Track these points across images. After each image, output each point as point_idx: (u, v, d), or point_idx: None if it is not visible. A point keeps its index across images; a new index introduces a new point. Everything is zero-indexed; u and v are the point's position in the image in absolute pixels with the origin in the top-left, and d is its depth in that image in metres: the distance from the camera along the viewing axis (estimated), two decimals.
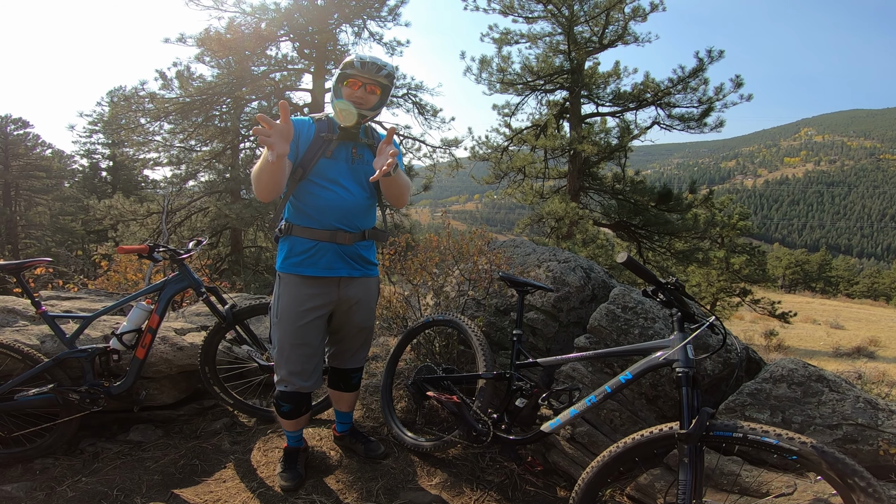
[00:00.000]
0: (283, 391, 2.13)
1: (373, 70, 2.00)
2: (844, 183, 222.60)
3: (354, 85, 2.02)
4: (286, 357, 2.09)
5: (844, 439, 2.00)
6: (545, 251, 3.27)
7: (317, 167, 2.03)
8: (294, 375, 2.10)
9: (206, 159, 15.23)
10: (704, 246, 14.27)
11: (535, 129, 13.62)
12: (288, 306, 2.06)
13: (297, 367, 2.09)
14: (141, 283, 5.77)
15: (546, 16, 13.03)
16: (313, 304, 2.07)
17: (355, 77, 2.01)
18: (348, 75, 2.02)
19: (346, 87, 2.04)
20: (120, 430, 2.66)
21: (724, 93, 11.87)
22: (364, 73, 2.00)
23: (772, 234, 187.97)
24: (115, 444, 2.54)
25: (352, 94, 2.03)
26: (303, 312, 2.05)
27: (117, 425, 2.70)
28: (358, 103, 2.03)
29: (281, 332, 2.08)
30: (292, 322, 2.05)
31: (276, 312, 2.09)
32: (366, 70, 2.00)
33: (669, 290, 1.74)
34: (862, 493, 1.38)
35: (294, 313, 2.05)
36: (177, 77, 11.41)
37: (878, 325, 24.28)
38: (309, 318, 2.06)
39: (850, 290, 56.90)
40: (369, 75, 2.01)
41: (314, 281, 2.06)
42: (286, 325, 2.06)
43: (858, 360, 14.71)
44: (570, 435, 2.35)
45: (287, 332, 2.06)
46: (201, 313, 4.31)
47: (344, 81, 2.04)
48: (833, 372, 2.35)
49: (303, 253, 2.05)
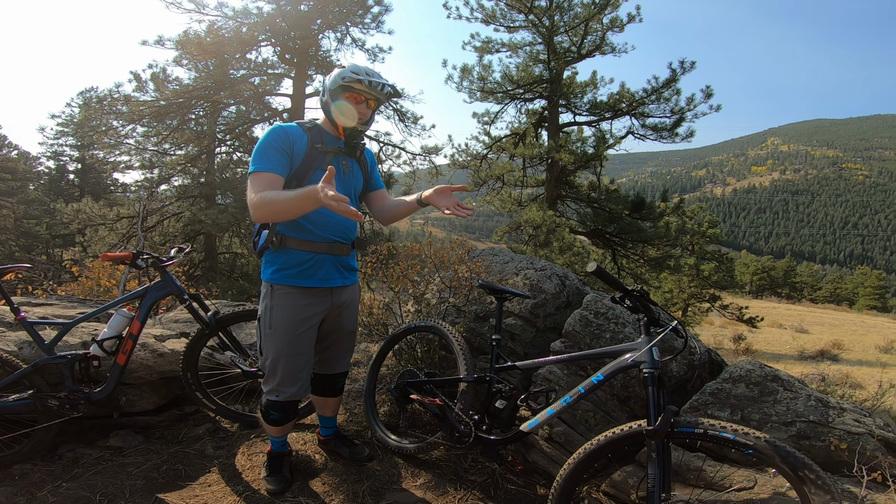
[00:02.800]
0: (275, 401, 2.13)
1: (378, 88, 2.01)
2: (808, 191, 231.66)
3: (355, 99, 2.02)
4: (280, 367, 2.08)
5: (798, 436, 2.11)
6: (523, 260, 3.39)
7: (312, 181, 1.99)
8: (287, 385, 2.10)
9: (181, 163, 14.97)
10: (676, 253, 14.69)
11: (513, 138, 13.86)
12: (284, 317, 2.05)
13: (292, 377, 2.10)
14: (115, 290, 5.68)
15: (527, 25, 13.31)
16: (309, 314, 2.09)
17: (360, 93, 2.01)
18: (352, 89, 2.01)
19: (344, 99, 2.02)
20: (99, 436, 2.65)
21: (695, 103, 12.29)
22: (371, 91, 2.01)
23: (740, 241, 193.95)
24: (94, 449, 2.53)
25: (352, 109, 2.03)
26: (299, 322, 2.06)
27: (96, 431, 2.68)
28: (359, 119, 2.04)
29: (276, 342, 2.06)
30: (289, 332, 2.05)
31: (270, 323, 2.06)
32: (373, 88, 2.00)
33: (635, 297, 1.88)
34: (812, 486, 1.48)
35: (291, 324, 2.05)
36: (152, 79, 11.22)
37: (841, 329, 25.36)
38: (305, 327, 2.08)
39: (813, 295, 59.12)
40: (375, 93, 2.02)
41: (311, 291, 2.08)
42: (282, 336, 2.05)
43: (823, 363, 15.34)
44: (547, 435, 2.46)
45: (283, 343, 2.06)
46: (179, 320, 4.30)
47: (344, 92, 2.02)
48: (788, 373, 2.50)
49: (300, 265, 2.05)
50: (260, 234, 2.14)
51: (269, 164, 1.92)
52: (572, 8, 12.80)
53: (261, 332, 2.11)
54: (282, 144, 1.96)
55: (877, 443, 2.02)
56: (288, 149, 1.97)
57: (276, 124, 2.04)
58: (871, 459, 1.93)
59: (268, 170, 1.92)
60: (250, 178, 1.93)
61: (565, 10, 12.84)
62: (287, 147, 1.97)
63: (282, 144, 1.96)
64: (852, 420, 2.14)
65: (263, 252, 2.12)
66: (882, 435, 2.04)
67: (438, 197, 2.14)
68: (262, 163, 1.92)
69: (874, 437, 2.03)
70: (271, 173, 1.92)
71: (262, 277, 2.12)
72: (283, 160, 1.96)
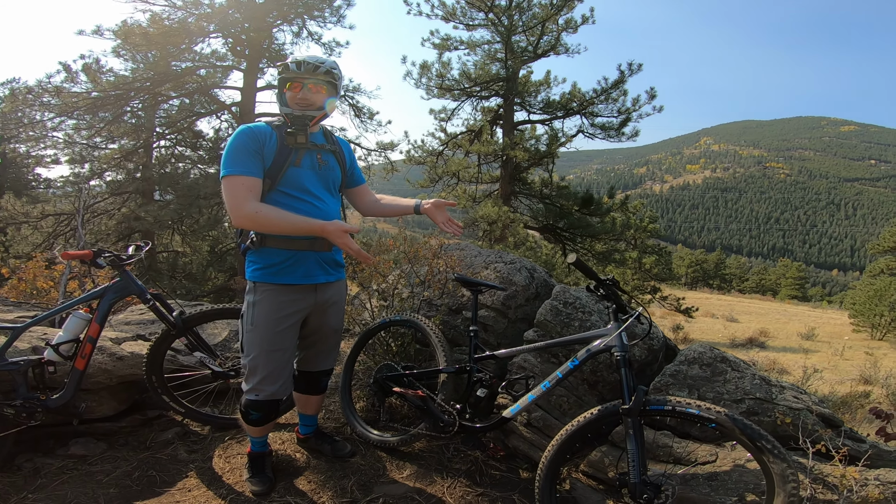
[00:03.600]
0: (255, 400, 2.10)
1: (310, 69, 1.99)
2: (736, 189, 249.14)
3: (296, 87, 2.02)
4: (261, 364, 2.07)
5: (748, 412, 2.29)
6: (491, 254, 3.50)
7: (286, 177, 2.01)
8: (267, 383, 2.08)
9: (115, 158, 14.03)
10: (620, 247, 15.45)
11: (469, 135, 14.05)
12: (264, 314, 2.04)
13: (272, 375, 2.08)
14: (54, 293, 5.29)
15: (486, 24, 13.51)
16: (291, 311, 2.08)
17: (295, 79, 2.01)
18: (287, 78, 2.02)
19: (288, 90, 2.03)
20: (58, 445, 2.52)
21: (640, 104, 12.93)
22: (302, 73, 1.99)
23: (676, 235, 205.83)
24: (55, 458, 2.41)
25: (294, 98, 2.02)
26: (280, 319, 2.06)
27: (54, 440, 2.55)
28: (304, 105, 2.02)
29: (257, 339, 2.06)
30: (270, 329, 2.05)
31: (252, 320, 2.06)
32: (303, 70, 1.99)
33: (608, 286, 2.02)
34: (769, 454, 1.66)
35: (271, 320, 2.04)
36: (84, 70, 10.42)
37: (766, 318, 27.52)
38: (286, 324, 2.07)
39: (741, 286, 63.69)
40: (308, 74, 2.00)
41: (292, 288, 2.08)
42: (262, 333, 2.05)
43: (752, 350, 16.65)
44: (526, 420, 2.58)
45: (264, 340, 2.05)
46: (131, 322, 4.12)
47: (286, 85, 2.03)
48: (734, 354, 2.74)
49: (281, 263, 2.04)
50: (245, 234, 2.12)
51: (245, 168, 1.92)
52: (531, 8, 13.14)
53: (243, 329, 2.10)
54: (252, 146, 1.95)
55: (815, 417, 2.22)
56: (258, 149, 1.96)
57: (242, 126, 2.01)
58: (812, 433, 2.11)
59: (244, 173, 1.91)
60: (227, 181, 1.91)
61: (524, 10, 13.14)
62: (258, 148, 1.96)
63: (252, 146, 1.95)
64: (792, 397, 2.34)
65: (245, 252, 2.11)
66: (819, 410, 2.26)
67: (435, 210, 2.28)
68: (237, 166, 1.91)
69: (812, 412, 2.24)
70: (250, 177, 1.92)
71: (246, 276, 2.12)
72: (256, 162, 1.95)
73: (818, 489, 1.90)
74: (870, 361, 13.01)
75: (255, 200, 1.91)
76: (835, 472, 1.90)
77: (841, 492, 1.82)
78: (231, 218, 1.92)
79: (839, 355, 16.71)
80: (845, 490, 1.82)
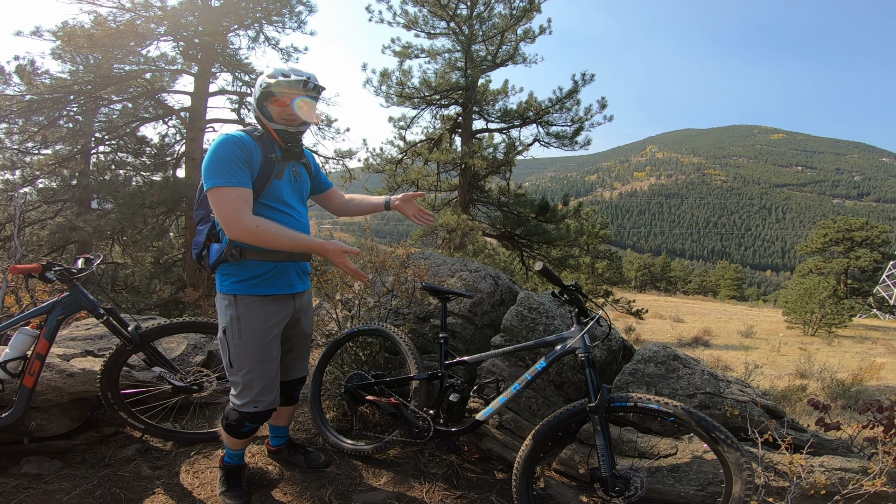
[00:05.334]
0: (255, 412, 2.07)
1: (299, 85, 1.95)
2: (678, 195, 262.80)
3: (281, 102, 1.96)
4: (257, 376, 2.04)
5: (700, 406, 2.43)
6: (456, 262, 3.57)
7: (270, 189, 2.00)
8: (265, 394, 2.07)
9: (50, 164, 13.13)
10: (575, 253, 15.96)
11: (429, 143, 14.14)
12: (252, 326, 2.02)
13: (269, 386, 2.07)
14: None
15: (447, 33, 13.65)
16: (276, 320, 2.08)
17: (283, 95, 1.96)
18: (274, 94, 1.96)
19: (272, 104, 1.97)
20: (10, 463, 2.43)
21: (591, 113, 13.44)
22: (292, 89, 1.95)
23: (625, 240, 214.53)
24: (8, 477, 2.31)
25: (282, 113, 1.98)
26: (268, 329, 2.05)
27: (6, 458, 2.45)
28: (290, 121, 2.00)
29: (248, 352, 2.02)
30: (259, 340, 2.03)
31: (238, 334, 2.01)
32: (294, 86, 1.95)
33: (571, 291, 2.14)
34: (724, 445, 1.80)
35: (260, 331, 2.03)
36: (17, 72, 9.74)
37: (709, 318, 29.11)
38: (273, 333, 2.07)
39: (685, 287, 67.09)
40: (298, 91, 1.96)
41: (275, 298, 2.07)
42: (253, 345, 2.02)
43: (698, 349, 17.61)
44: (498, 423, 2.65)
45: (255, 352, 2.03)
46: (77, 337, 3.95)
47: (269, 97, 1.97)
48: (683, 352, 2.93)
49: (263, 274, 2.03)
50: (206, 247, 2.06)
51: (237, 178, 1.87)
52: (491, 18, 13.43)
53: (229, 344, 2.04)
54: (242, 156, 1.91)
55: (760, 409, 2.40)
56: (248, 160, 1.92)
57: (227, 135, 1.94)
58: (759, 424, 2.28)
59: (238, 184, 1.86)
60: (220, 192, 1.83)
61: (484, 20, 13.41)
62: (247, 158, 1.92)
63: (242, 156, 1.91)
64: (738, 390, 2.52)
65: (218, 265, 2.05)
66: (763, 402, 2.45)
67: (405, 204, 2.35)
68: (229, 177, 1.85)
69: (757, 404, 2.42)
70: (244, 188, 1.88)
71: (221, 290, 2.06)
72: (247, 172, 1.92)
73: (770, 476, 2.04)
74: (804, 356, 14.05)
75: (251, 213, 1.87)
76: (783, 461, 2.05)
77: (791, 478, 1.96)
78: (226, 231, 1.86)
79: (776, 351, 17.96)
80: (795, 477, 1.95)
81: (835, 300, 24.73)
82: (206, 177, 1.87)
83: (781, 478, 2.04)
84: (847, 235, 40.58)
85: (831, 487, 1.95)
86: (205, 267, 2.08)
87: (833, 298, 24.69)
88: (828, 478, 1.98)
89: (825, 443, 2.39)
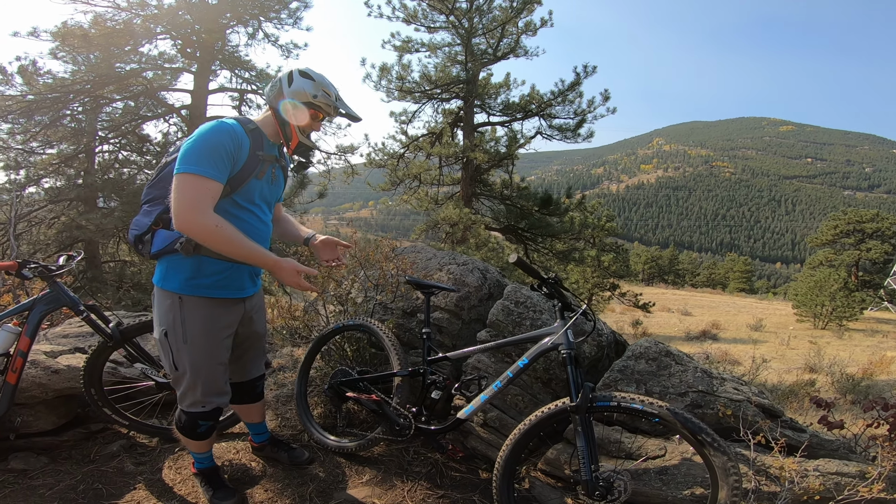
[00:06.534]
0: (203, 412, 2.01)
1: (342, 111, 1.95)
2: (686, 187, 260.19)
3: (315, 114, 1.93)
4: (204, 378, 1.96)
5: (692, 405, 2.35)
6: (444, 255, 3.51)
7: (247, 188, 1.89)
8: (212, 395, 2.00)
9: (54, 163, 13.21)
10: (580, 246, 15.81)
11: (430, 137, 14.03)
12: (200, 329, 1.91)
13: (217, 387, 2.01)
14: None
15: (447, 26, 13.49)
16: (227, 323, 1.99)
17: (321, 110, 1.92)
18: (316, 106, 1.90)
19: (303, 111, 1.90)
20: None
21: (594, 106, 13.24)
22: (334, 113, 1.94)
23: (632, 233, 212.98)
24: None
25: (311, 125, 1.94)
26: (218, 332, 1.96)
27: None
28: (309, 132, 1.98)
29: (194, 355, 1.92)
30: (209, 343, 1.94)
31: (184, 337, 1.90)
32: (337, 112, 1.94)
33: (550, 284, 2.06)
34: (710, 448, 1.71)
35: (209, 335, 1.93)
36: (19, 72, 9.75)
37: (717, 311, 28.89)
38: (224, 335, 1.99)
39: (693, 280, 66.60)
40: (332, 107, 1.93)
41: (226, 301, 1.98)
42: (201, 348, 1.92)
43: (706, 343, 17.44)
44: (483, 421, 2.60)
45: (203, 355, 1.93)
46: (69, 335, 3.97)
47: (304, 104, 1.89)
48: (677, 348, 2.83)
49: (215, 275, 1.91)
50: (152, 232, 1.88)
51: (215, 171, 1.73)
52: (491, 11, 13.24)
53: (171, 346, 1.92)
54: (230, 148, 1.78)
55: (755, 408, 2.31)
56: (234, 154, 1.80)
57: (220, 121, 1.81)
58: (752, 424, 2.20)
59: (213, 177, 1.72)
60: (189, 179, 1.69)
61: (484, 13, 13.24)
62: (234, 152, 1.80)
63: (230, 148, 1.78)
64: (732, 389, 2.44)
65: (163, 255, 1.88)
66: (758, 401, 2.36)
67: (324, 248, 2.23)
68: (206, 167, 1.71)
69: (752, 403, 2.33)
70: (217, 182, 1.74)
71: (163, 285, 1.91)
72: (228, 167, 1.79)
73: (762, 481, 1.95)
74: (814, 350, 13.85)
75: (213, 210, 1.72)
76: (775, 464, 1.96)
77: (783, 483, 1.88)
78: (179, 221, 1.67)
79: (786, 345, 17.74)
80: (786, 482, 1.87)
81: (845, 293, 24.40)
82: (184, 159, 1.70)
83: (773, 482, 1.95)
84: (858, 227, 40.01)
85: (826, 493, 1.86)
86: (142, 252, 1.91)
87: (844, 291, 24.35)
88: (822, 482, 1.90)
89: (825, 443, 2.30)
